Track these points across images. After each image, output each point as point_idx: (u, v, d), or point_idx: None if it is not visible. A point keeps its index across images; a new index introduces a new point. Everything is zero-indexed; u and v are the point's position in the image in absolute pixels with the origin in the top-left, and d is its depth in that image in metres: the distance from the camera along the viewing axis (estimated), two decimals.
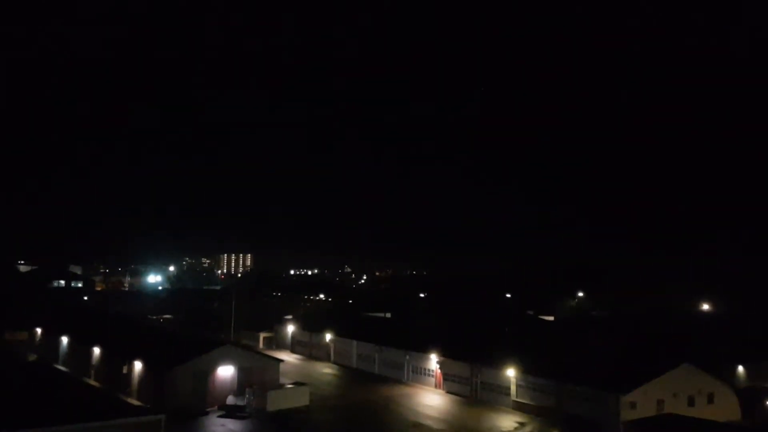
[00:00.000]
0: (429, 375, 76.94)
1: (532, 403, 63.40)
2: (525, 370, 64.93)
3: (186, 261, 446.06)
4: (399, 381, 79.70)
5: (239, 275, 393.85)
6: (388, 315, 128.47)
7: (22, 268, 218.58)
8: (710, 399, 59.92)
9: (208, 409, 62.35)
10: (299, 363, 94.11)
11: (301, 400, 64.72)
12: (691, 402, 58.35)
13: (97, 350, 76.05)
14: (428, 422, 60.12)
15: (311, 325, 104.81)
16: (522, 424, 59.01)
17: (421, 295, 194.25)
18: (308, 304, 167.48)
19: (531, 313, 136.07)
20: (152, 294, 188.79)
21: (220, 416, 60.65)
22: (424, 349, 77.61)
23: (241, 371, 66.18)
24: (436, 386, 75.44)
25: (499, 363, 67.36)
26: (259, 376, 66.62)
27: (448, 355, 74.73)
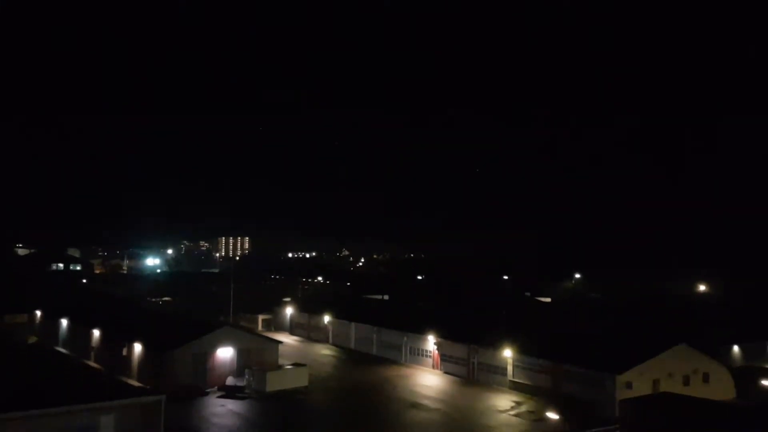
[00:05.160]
0: (426, 356, 77.55)
1: (528, 383, 64.05)
2: (522, 350, 65.54)
3: (184, 244, 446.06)
4: (397, 362, 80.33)
5: (237, 258, 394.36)
6: (386, 297, 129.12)
7: (21, 252, 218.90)
8: (705, 378, 60.59)
9: (208, 390, 62.91)
10: (298, 345, 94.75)
11: (300, 381, 65.29)
12: (686, 381, 59.02)
13: (96, 332, 76.48)
14: (426, 402, 60.76)
15: (310, 307, 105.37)
16: (518, 404, 59.62)
17: (419, 277, 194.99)
18: (306, 287, 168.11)
19: (528, 294, 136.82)
20: (151, 277, 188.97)
21: (220, 397, 61.25)
22: (421, 331, 78.17)
23: (241, 353, 66.74)
24: (433, 367, 76.08)
25: (496, 344, 67.94)
26: (258, 358, 67.22)
27: (445, 337, 75.30)
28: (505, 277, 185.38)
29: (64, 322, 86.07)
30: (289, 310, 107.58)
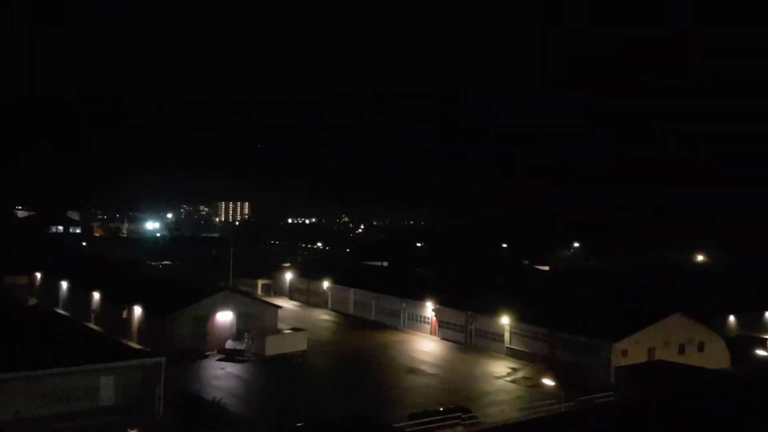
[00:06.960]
0: (424, 322, 78.06)
1: (525, 350, 64.59)
2: (519, 318, 65.94)
3: (184, 208, 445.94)
4: (395, 328, 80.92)
5: (237, 223, 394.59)
6: (385, 264, 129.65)
7: (20, 214, 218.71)
8: (701, 347, 61.05)
9: (208, 353, 63.38)
10: (297, 309, 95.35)
11: (299, 345, 65.77)
12: (681, 350, 59.45)
13: (96, 295, 76.83)
14: (423, 367, 61.34)
15: (309, 272, 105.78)
16: (515, 370, 60.18)
17: (418, 244, 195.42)
18: (306, 252, 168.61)
19: (526, 263, 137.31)
20: (151, 240, 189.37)
21: (220, 360, 61.75)
22: (420, 297, 78.58)
23: (240, 317, 67.12)
24: (431, 333, 76.63)
25: (493, 311, 68.32)
26: (257, 322, 67.64)
27: (443, 303, 75.71)
28: (504, 245, 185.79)
29: (64, 284, 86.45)
30: (288, 276, 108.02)
